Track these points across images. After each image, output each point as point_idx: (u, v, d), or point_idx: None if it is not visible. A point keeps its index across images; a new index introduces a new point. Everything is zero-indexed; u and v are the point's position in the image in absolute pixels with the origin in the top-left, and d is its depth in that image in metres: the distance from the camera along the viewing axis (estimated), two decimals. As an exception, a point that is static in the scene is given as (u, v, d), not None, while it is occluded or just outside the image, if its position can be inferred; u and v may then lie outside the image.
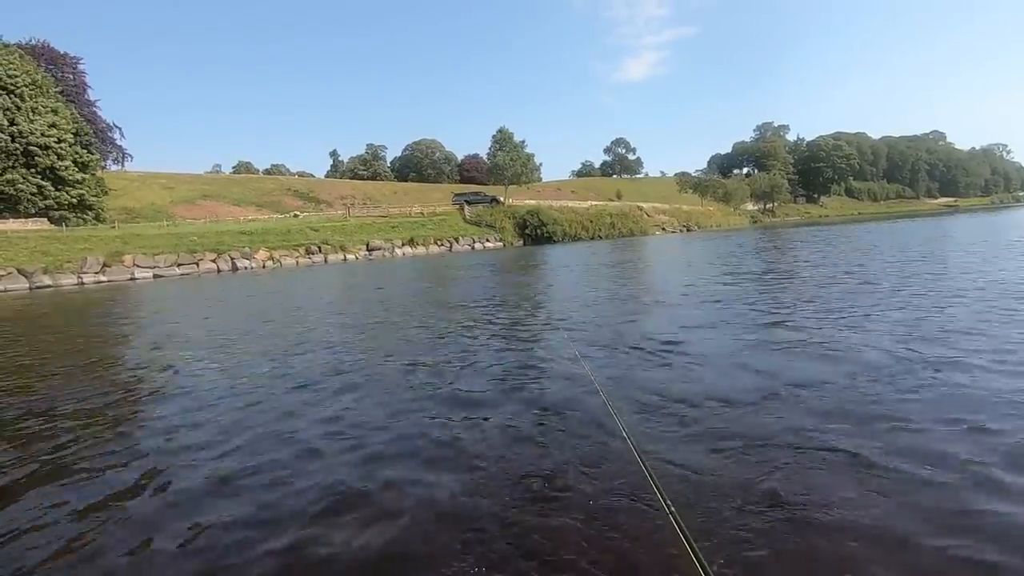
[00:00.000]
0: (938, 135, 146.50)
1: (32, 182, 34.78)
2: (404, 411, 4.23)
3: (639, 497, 2.69)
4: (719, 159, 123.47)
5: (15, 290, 23.49)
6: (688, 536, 1.44)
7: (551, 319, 8.23)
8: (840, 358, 4.90)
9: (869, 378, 4.28)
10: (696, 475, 2.91)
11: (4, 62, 34.87)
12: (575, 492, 2.81)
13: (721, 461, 3.07)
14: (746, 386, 4.30)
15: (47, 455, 3.70)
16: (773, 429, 3.42)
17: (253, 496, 2.92)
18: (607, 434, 3.50)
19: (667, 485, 2.48)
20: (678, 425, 3.59)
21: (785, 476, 2.83)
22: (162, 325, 10.68)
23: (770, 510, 2.51)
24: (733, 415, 3.71)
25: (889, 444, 3.10)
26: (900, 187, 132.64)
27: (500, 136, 57.69)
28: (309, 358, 6.33)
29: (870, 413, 3.58)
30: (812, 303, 7.97)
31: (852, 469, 2.85)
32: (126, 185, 52.07)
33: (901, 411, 3.57)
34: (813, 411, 3.68)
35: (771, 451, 3.13)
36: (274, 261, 33.25)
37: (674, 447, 3.28)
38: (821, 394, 4.00)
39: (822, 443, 3.17)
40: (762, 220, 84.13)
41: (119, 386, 5.65)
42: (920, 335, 5.49)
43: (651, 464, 1.96)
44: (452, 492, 2.88)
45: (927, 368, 4.41)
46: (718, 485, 2.79)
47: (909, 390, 3.96)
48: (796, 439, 3.24)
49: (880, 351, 5.01)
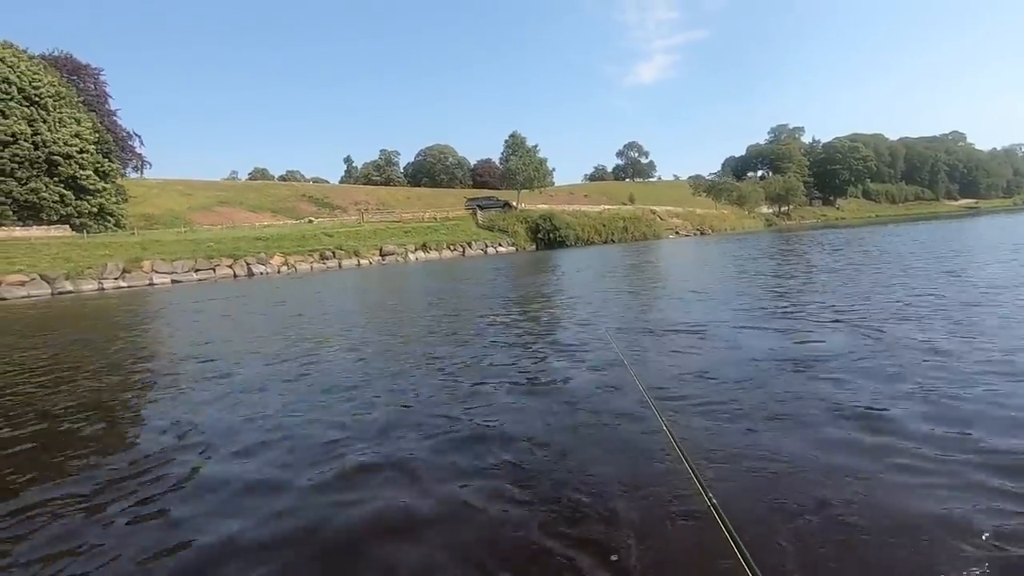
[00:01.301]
0: (958, 135, 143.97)
1: (54, 190, 35.57)
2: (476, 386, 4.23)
3: (678, 489, 2.67)
4: (733, 162, 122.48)
5: (38, 295, 23.93)
6: (731, 530, 1.40)
7: (589, 316, 8.20)
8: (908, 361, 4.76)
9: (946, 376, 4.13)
10: (738, 467, 2.87)
11: (28, 73, 35.76)
12: (615, 489, 2.77)
13: (762, 452, 3.01)
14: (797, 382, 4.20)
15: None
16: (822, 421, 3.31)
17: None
18: (645, 428, 3.48)
19: (707, 478, 2.46)
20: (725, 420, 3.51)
21: (835, 472, 2.72)
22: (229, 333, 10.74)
23: (823, 508, 2.41)
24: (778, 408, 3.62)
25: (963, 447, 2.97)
26: (919, 189, 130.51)
27: (512, 141, 57.75)
28: (384, 352, 6.42)
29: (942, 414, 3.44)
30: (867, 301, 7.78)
31: (905, 466, 2.73)
32: (145, 192, 53.05)
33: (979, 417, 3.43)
34: (867, 410, 3.56)
35: (822, 446, 3.04)
36: (289, 266, 33.53)
37: (713, 436, 3.24)
38: (876, 388, 3.88)
39: (879, 442, 3.04)
40: (777, 223, 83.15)
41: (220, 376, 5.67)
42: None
43: (689, 455, 1.92)
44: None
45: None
46: (761, 478, 2.73)
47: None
48: (839, 432, 3.13)
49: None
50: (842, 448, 3.06)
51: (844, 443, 3.13)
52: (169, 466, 3.48)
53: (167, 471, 3.40)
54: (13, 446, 4.07)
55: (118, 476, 3.36)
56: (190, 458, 3.59)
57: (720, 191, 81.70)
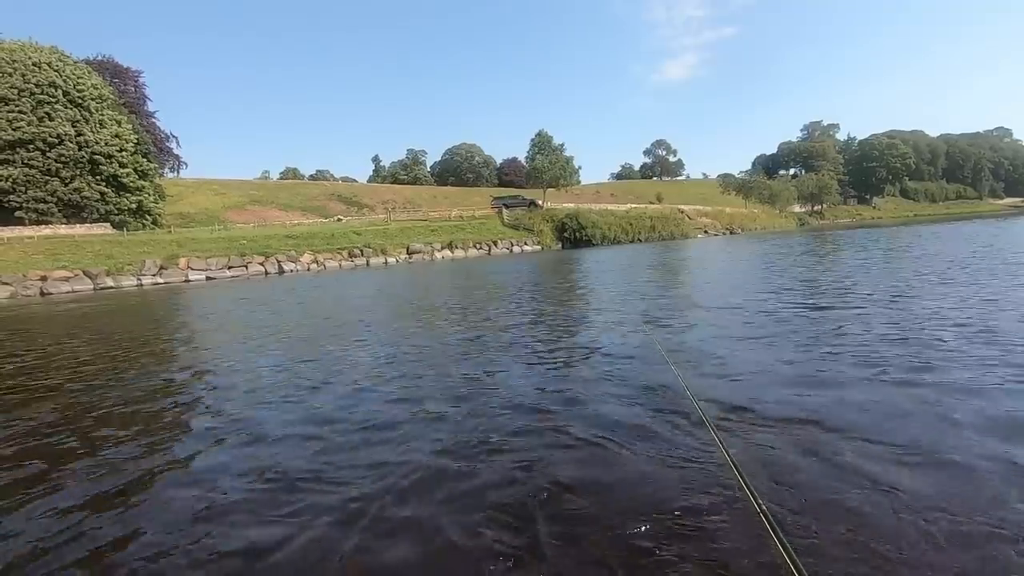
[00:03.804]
0: (1003, 132, 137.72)
1: (96, 189, 36.88)
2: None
3: (727, 494, 2.62)
4: (764, 160, 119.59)
5: (81, 290, 24.84)
6: (780, 536, 1.40)
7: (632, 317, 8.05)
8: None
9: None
10: (786, 474, 2.79)
11: (73, 77, 37.13)
12: (660, 488, 2.76)
13: (811, 459, 2.91)
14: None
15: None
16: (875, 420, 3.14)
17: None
18: (694, 434, 3.42)
19: (756, 481, 2.51)
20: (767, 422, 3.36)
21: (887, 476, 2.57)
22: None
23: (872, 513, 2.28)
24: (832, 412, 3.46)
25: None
26: (960, 187, 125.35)
27: (539, 139, 57.51)
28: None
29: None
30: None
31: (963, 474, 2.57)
32: (181, 191, 54.63)
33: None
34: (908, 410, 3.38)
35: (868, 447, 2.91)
36: (318, 264, 34.06)
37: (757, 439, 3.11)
38: (916, 390, 3.68)
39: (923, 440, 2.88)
40: (810, 222, 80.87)
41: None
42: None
43: (737, 459, 1.89)
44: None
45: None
46: (807, 480, 2.66)
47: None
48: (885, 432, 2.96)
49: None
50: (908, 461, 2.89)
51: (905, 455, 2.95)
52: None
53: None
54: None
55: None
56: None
57: (750, 189, 79.85)
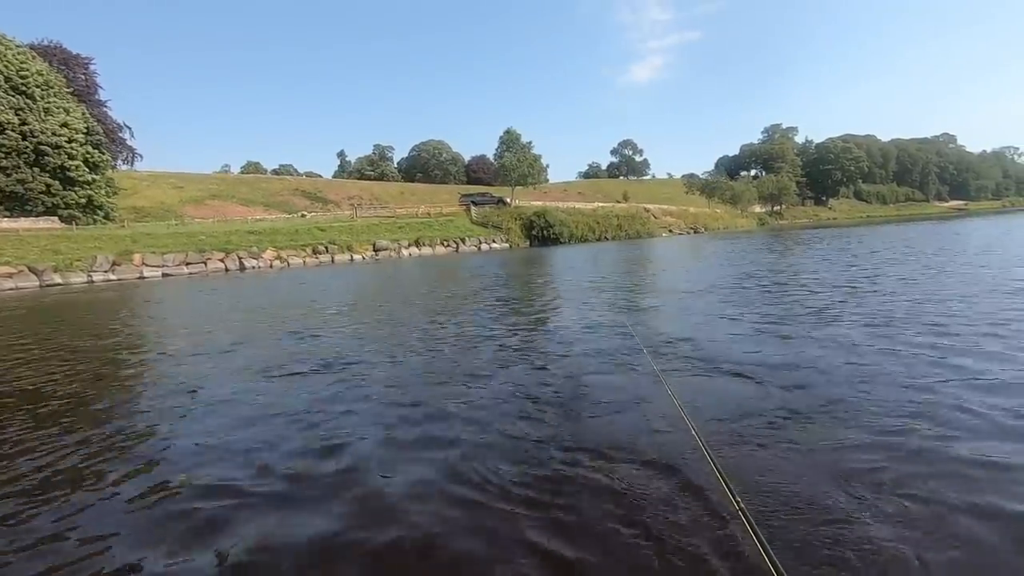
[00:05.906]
0: (948, 138, 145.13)
1: (41, 180, 34.96)
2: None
3: (705, 492, 2.65)
4: (726, 161, 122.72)
5: (26, 288, 23.60)
6: (758, 533, 1.41)
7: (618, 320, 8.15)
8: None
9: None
10: (767, 474, 2.85)
11: (15, 62, 35.15)
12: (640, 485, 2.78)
13: (788, 453, 3.02)
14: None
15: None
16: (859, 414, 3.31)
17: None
18: (674, 429, 3.45)
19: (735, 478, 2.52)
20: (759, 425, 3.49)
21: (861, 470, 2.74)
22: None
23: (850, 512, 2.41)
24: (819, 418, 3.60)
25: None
26: (910, 190, 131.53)
27: (507, 137, 57.68)
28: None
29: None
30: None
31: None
32: (136, 184, 52.40)
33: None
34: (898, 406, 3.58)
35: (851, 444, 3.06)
36: (282, 261, 33.30)
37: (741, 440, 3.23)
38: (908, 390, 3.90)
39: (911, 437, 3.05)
40: (770, 222, 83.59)
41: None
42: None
43: (717, 458, 1.93)
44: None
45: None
46: (787, 483, 2.72)
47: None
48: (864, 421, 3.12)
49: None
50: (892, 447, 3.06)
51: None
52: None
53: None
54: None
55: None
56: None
57: (714, 190, 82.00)
